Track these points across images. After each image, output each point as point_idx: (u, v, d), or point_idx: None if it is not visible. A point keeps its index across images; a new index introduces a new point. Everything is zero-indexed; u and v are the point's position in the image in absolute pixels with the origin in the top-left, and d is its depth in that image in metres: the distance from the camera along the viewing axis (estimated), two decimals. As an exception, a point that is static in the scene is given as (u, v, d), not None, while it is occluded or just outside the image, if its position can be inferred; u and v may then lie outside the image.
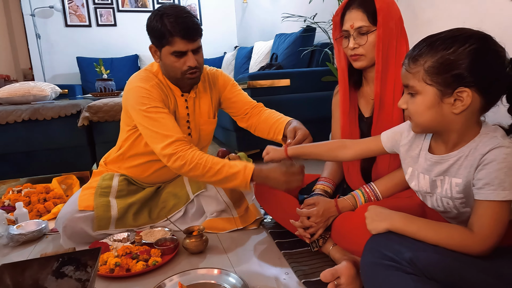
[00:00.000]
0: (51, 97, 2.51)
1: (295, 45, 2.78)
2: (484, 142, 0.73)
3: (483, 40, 0.71)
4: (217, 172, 1.18)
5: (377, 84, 1.07)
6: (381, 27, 1.03)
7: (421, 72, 0.74)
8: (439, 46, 0.72)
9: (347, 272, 0.93)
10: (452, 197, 0.80)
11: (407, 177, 0.90)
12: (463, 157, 0.76)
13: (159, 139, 1.22)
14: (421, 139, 0.88)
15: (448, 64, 0.71)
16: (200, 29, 1.26)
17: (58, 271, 0.85)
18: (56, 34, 4.48)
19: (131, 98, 1.29)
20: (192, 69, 1.28)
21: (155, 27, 1.23)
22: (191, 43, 1.24)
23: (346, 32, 1.09)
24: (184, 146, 1.21)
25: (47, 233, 1.47)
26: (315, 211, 1.08)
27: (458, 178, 0.77)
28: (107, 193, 1.37)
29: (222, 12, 5.07)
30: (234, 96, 1.48)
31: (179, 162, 1.19)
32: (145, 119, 1.25)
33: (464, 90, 0.70)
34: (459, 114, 0.73)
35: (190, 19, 1.23)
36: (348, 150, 1.04)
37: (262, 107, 1.48)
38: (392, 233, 0.77)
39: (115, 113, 2.13)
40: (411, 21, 1.99)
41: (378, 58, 1.06)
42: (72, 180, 2.09)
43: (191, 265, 1.15)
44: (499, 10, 1.54)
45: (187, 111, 1.41)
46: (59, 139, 2.14)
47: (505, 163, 0.69)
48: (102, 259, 1.13)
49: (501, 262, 0.69)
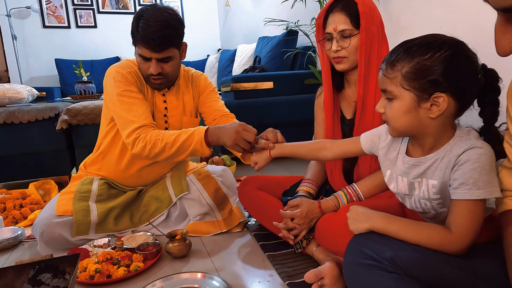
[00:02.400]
0: (27, 99, 2.43)
1: (278, 48, 2.81)
2: (459, 144, 0.76)
3: (456, 47, 0.73)
4: (174, 141, 1.17)
5: (360, 86, 1.09)
6: (364, 31, 1.05)
7: (399, 77, 0.75)
8: (415, 52, 0.74)
9: (331, 273, 0.93)
10: (429, 198, 0.82)
11: (386, 180, 0.92)
12: (439, 160, 0.78)
13: (125, 125, 1.22)
14: (398, 142, 0.90)
15: (425, 69, 0.73)
16: (169, 41, 1.22)
17: (34, 279, 0.82)
18: (33, 36, 4.36)
19: (107, 84, 1.29)
20: (154, 76, 1.28)
21: (132, 25, 1.25)
22: (154, 53, 1.23)
23: (329, 34, 1.11)
24: (146, 130, 1.21)
25: (23, 240, 1.42)
26: (299, 213, 1.09)
27: (434, 179, 0.79)
28: (86, 197, 1.34)
29: (205, 14, 5.06)
30: (209, 101, 1.48)
31: (141, 145, 1.19)
32: (117, 104, 1.25)
33: (441, 95, 0.73)
34: (435, 118, 0.75)
35: (159, 29, 1.18)
36: (327, 151, 1.06)
37: (233, 117, 1.46)
38: (374, 233, 0.78)
39: (95, 116, 2.08)
40: (390, 26, 2.04)
41: (361, 61, 1.07)
42: (50, 185, 2.03)
43: (174, 270, 1.13)
44: (474, 15, 1.60)
45: (166, 104, 1.40)
46: (36, 143, 2.07)
47: (478, 163, 0.72)
48: (81, 265, 1.10)
49: (477, 260, 0.72)
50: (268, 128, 1.15)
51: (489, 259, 0.72)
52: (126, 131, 1.22)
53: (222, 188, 1.45)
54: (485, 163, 0.72)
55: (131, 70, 1.31)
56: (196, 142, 1.15)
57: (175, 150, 1.17)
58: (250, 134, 1.11)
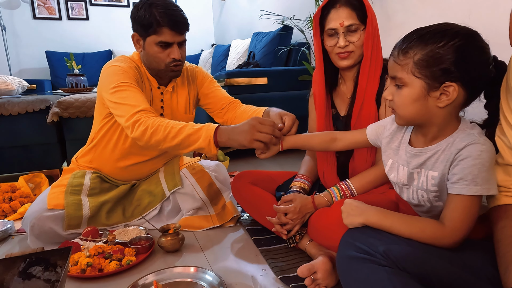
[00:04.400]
0: (17, 91, 2.39)
1: (272, 44, 2.80)
2: (461, 138, 0.76)
3: (470, 37, 0.72)
4: (178, 131, 1.09)
5: (363, 79, 1.09)
6: (370, 24, 1.06)
7: (410, 64, 0.75)
8: (429, 40, 0.73)
9: (324, 267, 0.94)
10: (427, 189, 0.82)
11: (386, 169, 0.92)
12: (440, 151, 0.79)
13: (126, 111, 1.16)
14: (401, 131, 0.90)
15: (437, 58, 0.72)
16: (188, 23, 1.28)
17: (25, 272, 0.80)
18: (23, 27, 4.27)
19: (105, 78, 1.26)
20: (176, 61, 1.27)
21: (142, 15, 1.22)
22: (178, 36, 1.25)
23: (333, 30, 1.08)
24: (149, 114, 1.16)
25: (13, 234, 1.41)
26: (292, 208, 1.09)
27: (435, 171, 0.80)
28: (78, 191, 1.32)
29: (200, 9, 5.01)
30: (212, 91, 1.47)
31: (141, 128, 1.11)
32: (115, 94, 1.20)
33: (451, 84, 0.72)
34: (443, 108, 0.75)
35: (179, 12, 1.25)
36: (338, 142, 1.07)
37: (239, 103, 1.47)
38: (367, 227, 0.79)
39: (87, 109, 2.06)
40: (384, 23, 2.05)
41: (367, 55, 1.07)
42: (40, 178, 2.00)
43: (166, 264, 1.13)
44: (467, 15, 1.61)
45: (162, 104, 1.39)
46: (26, 135, 2.04)
47: (479, 160, 0.72)
48: (73, 259, 1.09)
49: (468, 255, 0.72)
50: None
51: (480, 254, 0.73)
52: (126, 116, 1.15)
53: (216, 183, 1.45)
54: (486, 160, 0.72)
55: (130, 65, 1.29)
56: (204, 140, 1.07)
57: (178, 141, 1.09)
58: (266, 126, 1.02)
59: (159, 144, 1.12)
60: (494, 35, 0.79)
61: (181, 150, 1.13)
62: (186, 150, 1.13)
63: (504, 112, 0.76)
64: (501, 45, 0.83)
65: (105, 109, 1.31)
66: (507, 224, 0.72)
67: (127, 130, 1.16)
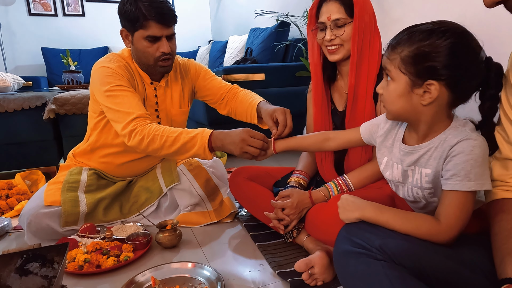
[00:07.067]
0: (13, 88, 2.37)
1: (269, 40, 2.79)
2: (454, 134, 0.76)
3: (459, 36, 0.71)
4: (174, 140, 1.12)
5: (352, 76, 1.09)
6: (357, 19, 1.05)
7: (397, 60, 0.75)
8: (416, 37, 0.73)
9: (321, 262, 0.95)
10: (421, 187, 0.83)
11: (381, 167, 0.93)
12: (433, 148, 0.79)
13: (121, 118, 1.17)
14: (395, 129, 0.90)
15: (423, 55, 0.72)
16: (175, 16, 1.26)
17: (22, 268, 0.80)
18: (18, 23, 4.23)
19: (96, 79, 1.25)
20: (166, 55, 1.26)
21: (128, 10, 1.20)
22: (166, 29, 1.23)
23: (322, 24, 1.10)
24: (144, 122, 1.17)
25: (9, 231, 1.40)
26: (290, 203, 1.09)
27: (428, 168, 0.80)
28: (75, 188, 1.32)
29: (196, 5, 4.99)
30: (208, 83, 1.46)
31: (138, 137, 1.14)
32: (109, 99, 1.20)
33: (433, 83, 0.72)
34: (427, 105, 0.75)
35: (165, 5, 1.22)
36: (331, 142, 1.07)
37: (237, 88, 1.45)
38: (364, 222, 0.79)
39: (84, 106, 2.04)
40: (381, 19, 2.04)
41: (353, 50, 1.08)
42: (37, 175, 1.99)
43: (164, 260, 1.13)
44: (464, 10, 1.61)
45: (156, 99, 1.38)
46: (22, 132, 2.03)
47: (471, 155, 0.72)
48: (70, 255, 1.08)
49: (463, 249, 0.73)
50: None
51: (475, 248, 0.73)
52: (121, 124, 1.17)
53: (213, 179, 1.45)
54: (478, 155, 0.72)
55: (120, 64, 1.27)
56: (199, 147, 1.11)
57: (175, 149, 1.13)
58: (256, 140, 1.08)
59: (156, 152, 1.16)
60: (492, 27, 0.78)
61: (178, 157, 1.18)
62: (183, 156, 1.16)
63: (504, 108, 0.76)
64: (499, 37, 0.83)
65: (99, 107, 1.30)
66: (504, 217, 0.72)
67: (124, 138, 1.19)
